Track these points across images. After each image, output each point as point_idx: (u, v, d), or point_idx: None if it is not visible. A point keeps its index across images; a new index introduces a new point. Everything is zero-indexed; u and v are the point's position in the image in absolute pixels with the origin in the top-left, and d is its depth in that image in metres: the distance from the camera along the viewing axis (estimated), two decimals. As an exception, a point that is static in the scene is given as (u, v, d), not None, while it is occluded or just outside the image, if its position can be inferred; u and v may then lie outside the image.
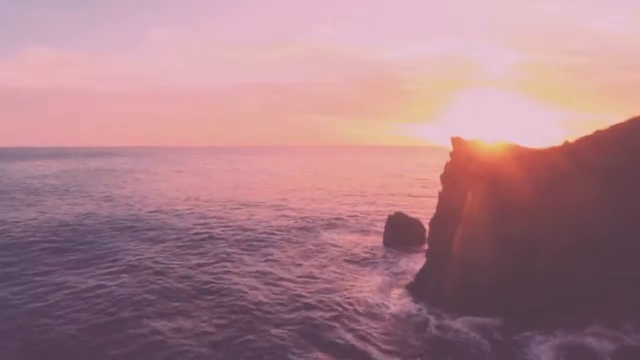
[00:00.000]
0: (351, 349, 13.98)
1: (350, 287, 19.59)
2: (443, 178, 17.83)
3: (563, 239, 14.53)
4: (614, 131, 15.13)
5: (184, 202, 43.38)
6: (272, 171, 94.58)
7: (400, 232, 26.45)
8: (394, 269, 22.31)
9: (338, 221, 34.55)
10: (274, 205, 42.51)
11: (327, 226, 32.62)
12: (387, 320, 16.05)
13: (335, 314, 16.61)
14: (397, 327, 15.46)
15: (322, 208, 41.29)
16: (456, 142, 17.30)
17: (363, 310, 16.97)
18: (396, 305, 17.33)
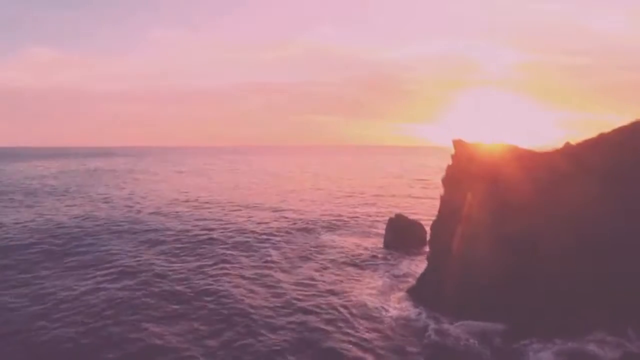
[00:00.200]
0: (347, 355, 13.81)
1: (349, 291, 19.42)
2: (444, 181, 17.65)
3: (563, 239, 14.38)
4: (618, 133, 15.00)
5: (184, 203, 43.19)
6: (272, 172, 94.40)
7: (401, 234, 26.29)
8: (395, 272, 22.17)
9: (338, 223, 34.39)
10: (274, 206, 42.34)
11: (327, 228, 32.46)
12: (387, 325, 15.87)
13: (333, 318, 16.46)
14: (397, 333, 15.28)
15: (322, 209, 41.13)
16: (458, 145, 17.11)
17: (362, 314, 16.79)
18: (396, 309, 17.17)
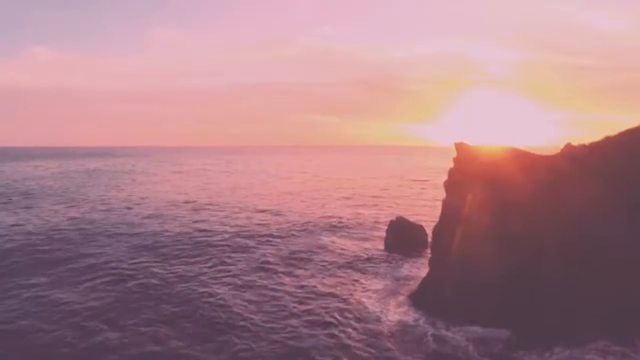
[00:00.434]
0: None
1: (349, 294, 19.17)
2: (446, 184, 17.33)
3: (563, 240, 14.11)
4: (623, 135, 14.76)
5: (182, 205, 42.79)
6: (272, 172, 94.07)
7: (402, 237, 25.98)
8: (396, 275, 21.87)
9: (338, 224, 34.09)
10: (273, 208, 42.00)
11: (328, 230, 32.17)
12: (386, 330, 15.57)
13: (332, 322, 16.26)
14: (396, 339, 14.99)
15: (322, 211, 40.83)
16: (460, 148, 16.79)
17: (361, 319, 16.55)
18: (396, 314, 16.88)
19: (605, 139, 14.68)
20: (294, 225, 33.73)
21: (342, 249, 26.75)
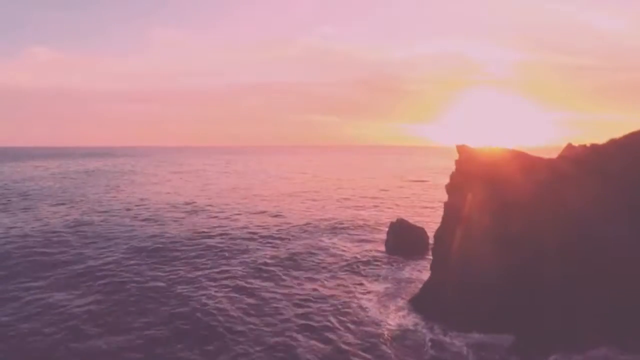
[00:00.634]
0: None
1: (349, 298, 18.99)
2: (448, 187, 17.11)
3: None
4: (628, 137, 14.56)
5: (181, 207, 42.40)
6: (272, 173, 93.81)
7: (403, 239, 25.77)
8: (396, 278, 21.67)
9: (339, 226, 33.87)
10: (273, 209, 41.80)
11: (328, 232, 31.94)
12: (385, 336, 15.33)
13: (330, 326, 16.10)
14: (395, 345, 14.74)
15: (322, 212, 40.64)
16: (462, 150, 16.56)
17: (360, 323, 16.37)
18: (396, 319, 16.66)
19: (610, 141, 14.47)
20: (294, 226, 33.55)
21: (342, 251, 26.56)
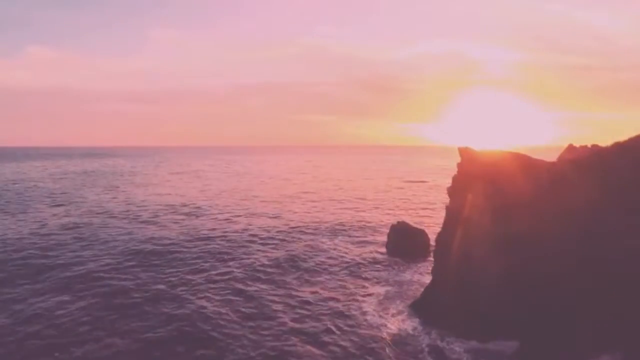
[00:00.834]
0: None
1: (349, 301, 18.84)
2: (450, 191, 16.86)
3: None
4: (633, 140, 14.30)
5: (180, 209, 41.92)
6: (271, 173, 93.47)
7: (403, 242, 25.56)
8: (397, 282, 21.47)
9: (338, 228, 33.64)
10: (273, 211, 41.52)
11: (328, 234, 31.71)
12: (383, 340, 15.18)
13: (329, 329, 16.03)
14: (393, 349, 14.63)
15: (322, 214, 40.39)
16: (464, 153, 16.30)
17: (358, 327, 16.23)
18: (395, 323, 16.49)
19: (614, 145, 14.21)
20: (294, 228, 33.31)
21: (343, 253, 26.34)
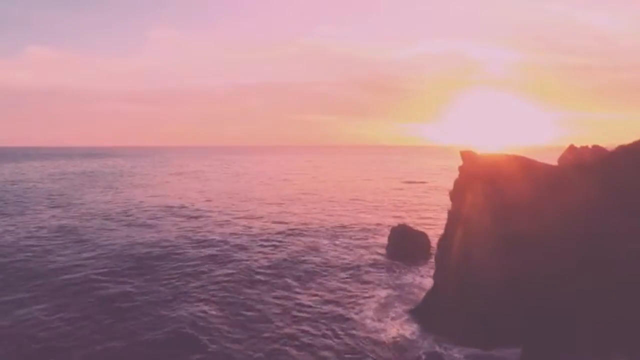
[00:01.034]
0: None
1: (348, 305, 18.67)
2: (452, 195, 16.64)
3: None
4: (638, 144, 14.11)
5: (179, 212, 41.31)
6: (271, 174, 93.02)
7: (404, 245, 25.33)
8: (397, 285, 21.24)
9: (338, 231, 33.39)
10: (272, 213, 41.15)
11: (328, 236, 31.45)
12: (382, 346, 15.01)
13: (328, 333, 15.91)
14: (391, 356, 14.45)
15: (322, 216, 40.10)
16: (466, 156, 16.07)
17: (357, 332, 16.07)
18: (395, 329, 16.27)
19: (619, 148, 14.04)
20: (293, 230, 33.05)
21: (342, 256, 26.12)
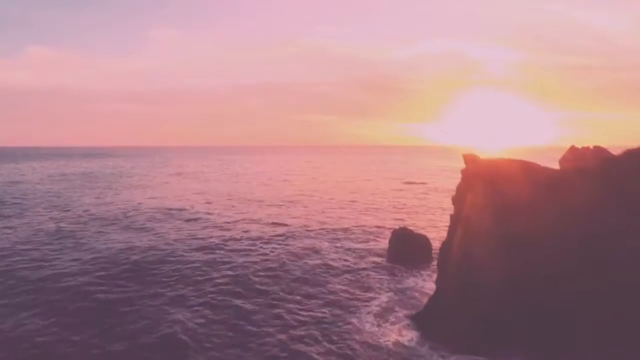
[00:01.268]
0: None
1: (348, 309, 18.48)
2: (455, 199, 16.41)
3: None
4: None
5: (177, 214, 40.61)
6: (271, 175, 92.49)
7: (405, 248, 25.03)
8: (398, 289, 21.01)
9: (339, 233, 33.10)
10: (271, 215, 40.78)
11: (327, 239, 31.15)
12: (383, 353, 14.79)
13: (327, 338, 15.80)
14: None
15: (322, 218, 39.80)
16: (469, 160, 15.84)
17: (356, 336, 15.89)
18: (395, 335, 16.03)
19: (625, 152, 13.83)
20: (292, 233, 32.73)
21: (343, 260, 25.86)
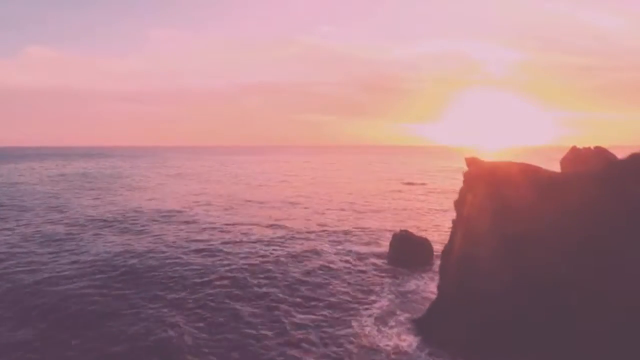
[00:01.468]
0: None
1: (348, 313, 18.32)
2: (457, 204, 16.18)
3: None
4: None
5: (176, 217, 39.99)
6: (270, 176, 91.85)
7: (406, 251, 24.86)
8: (399, 293, 20.84)
9: (339, 235, 32.87)
10: (270, 217, 40.42)
11: (327, 241, 30.92)
12: (380, 356, 14.67)
13: (324, 343, 15.70)
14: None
15: (321, 219, 39.54)
16: (472, 163, 15.60)
17: (356, 341, 15.76)
18: (396, 339, 15.83)
19: (630, 156, 13.56)
20: (292, 235, 32.49)
21: (343, 262, 25.66)
